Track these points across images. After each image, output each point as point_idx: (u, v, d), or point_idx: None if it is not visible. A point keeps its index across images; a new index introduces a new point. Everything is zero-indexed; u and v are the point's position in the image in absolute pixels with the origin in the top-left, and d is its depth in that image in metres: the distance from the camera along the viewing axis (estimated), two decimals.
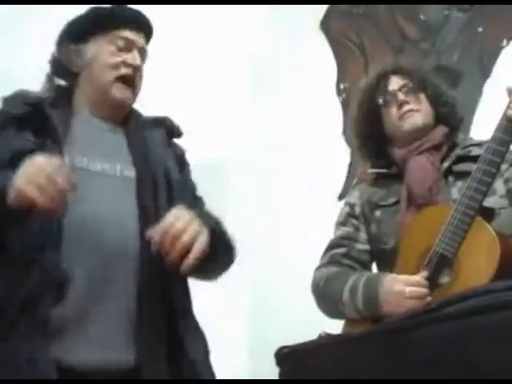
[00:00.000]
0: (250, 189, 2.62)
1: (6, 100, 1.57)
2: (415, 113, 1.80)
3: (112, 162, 1.56)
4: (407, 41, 2.73)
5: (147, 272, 1.48)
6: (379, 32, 2.83)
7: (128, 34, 1.63)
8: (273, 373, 1.37)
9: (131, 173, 1.57)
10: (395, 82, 1.84)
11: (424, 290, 1.55)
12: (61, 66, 1.65)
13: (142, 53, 1.66)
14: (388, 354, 1.13)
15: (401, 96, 1.81)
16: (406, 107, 1.80)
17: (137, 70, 1.62)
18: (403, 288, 1.57)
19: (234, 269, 2.20)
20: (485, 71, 2.44)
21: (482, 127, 1.87)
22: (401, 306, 1.55)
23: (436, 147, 1.78)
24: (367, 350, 1.18)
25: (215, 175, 2.70)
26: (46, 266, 1.39)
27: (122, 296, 1.46)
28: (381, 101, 1.84)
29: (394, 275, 1.64)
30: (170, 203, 1.54)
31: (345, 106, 2.85)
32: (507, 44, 2.41)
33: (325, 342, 1.38)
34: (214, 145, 2.73)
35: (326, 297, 1.78)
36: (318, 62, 3.01)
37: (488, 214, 1.59)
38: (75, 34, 1.64)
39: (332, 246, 1.87)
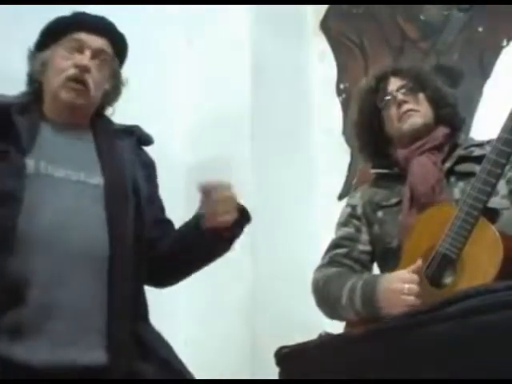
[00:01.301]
0: (249, 189, 2.61)
1: None
2: (414, 113, 1.81)
3: (76, 168, 1.58)
4: (407, 41, 2.72)
5: (117, 274, 1.51)
6: (379, 32, 2.83)
7: (81, 35, 1.65)
8: (273, 373, 1.37)
9: (97, 179, 1.59)
10: (394, 83, 1.85)
11: (418, 288, 1.55)
12: (29, 75, 1.69)
13: (99, 54, 1.65)
14: (388, 353, 1.13)
15: (399, 96, 1.82)
16: (405, 107, 1.81)
17: (84, 70, 1.62)
18: (401, 286, 1.57)
19: (234, 268, 2.20)
20: (485, 71, 2.44)
21: (482, 127, 1.87)
22: (399, 303, 1.55)
23: (437, 147, 1.78)
24: (367, 349, 1.18)
25: (215, 173, 2.70)
26: (2, 271, 1.42)
27: (86, 298, 1.48)
28: (381, 104, 1.85)
29: (390, 273, 1.65)
30: (138, 210, 1.60)
31: (345, 105, 2.85)
32: (507, 44, 2.41)
33: (325, 342, 1.39)
34: (213, 144, 2.73)
35: (325, 298, 1.79)
36: (318, 63, 3.00)
37: (491, 215, 1.59)
38: (37, 43, 1.69)
39: (333, 246, 1.88)
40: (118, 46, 1.73)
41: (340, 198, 2.76)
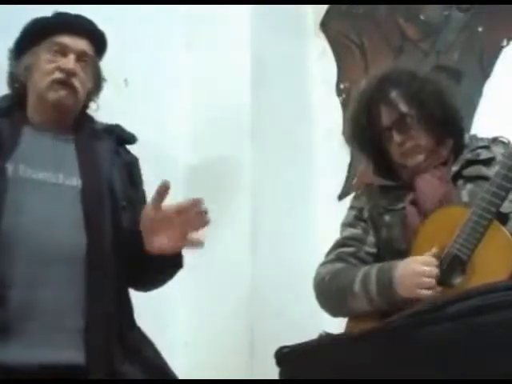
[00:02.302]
0: (249, 188, 2.61)
1: None
2: (415, 149, 1.75)
3: (55, 170, 1.59)
4: (407, 41, 2.72)
5: (95, 275, 1.52)
6: (379, 32, 2.83)
7: (64, 39, 1.67)
8: (273, 373, 1.37)
9: (75, 182, 1.60)
10: (386, 116, 1.76)
11: (437, 270, 1.56)
12: (11, 78, 1.72)
13: (82, 56, 1.69)
14: (388, 353, 1.13)
15: (396, 137, 1.75)
16: (405, 147, 1.75)
17: (70, 74, 1.65)
18: (421, 268, 1.57)
19: (233, 268, 2.20)
20: (485, 71, 2.44)
21: (482, 127, 1.87)
22: (418, 285, 1.56)
23: (443, 163, 1.76)
24: (367, 349, 1.18)
25: (215, 173, 2.70)
26: None
27: (63, 298, 1.49)
28: (376, 136, 1.79)
29: (406, 259, 1.63)
30: (114, 212, 1.61)
31: (345, 106, 2.84)
32: (507, 44, 2.41)
33: (325, 342, 1.39)
34: (213, 144, 2.73)
35: (333, 291, 1.76)
36: (318, 62, 3.00)
37: (500, 219, 1.59)
38: (17, 46, 1.71)
39: (339, 244, 1.86)
40: (99, 44, 1.75)
41: (340, 197, 2.76)
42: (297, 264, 2.56)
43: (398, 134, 1.75)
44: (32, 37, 1.69)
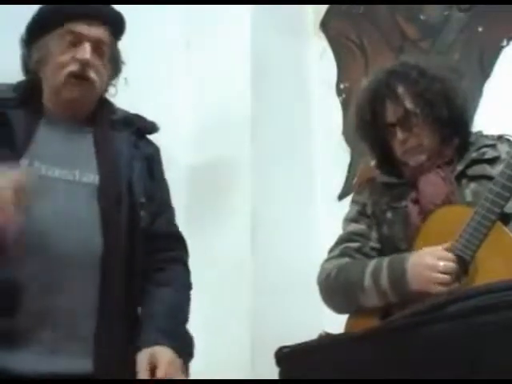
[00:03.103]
0: (249, 188, 2.61)
1: None
2: (417, 148, 1.73)
3: (71, 167, 1.53)
4: (407, 41, 2.72)
5: (110, 280, 1.47)
6: (379, 32, 2.83)
7: (77, 27, 1.56)
8: (273, 373, 1.37)
9: (92, 178, 1.54)
10: (391, 112, 1.74)
11: (454, 265, 1.53)
12: (24, 68, 1.63)
13: (98, 44, 1.58)
14: (388, 353, 1.13)
15: (399, 135, 1.73)
16: (408, 145, 1.73)
17: (86, 64, 1.55)
18: (436, 262, 1.54)
19: (234, 269, 2.19)
20: (485, 71, 2.44)
21: (483, 127, 1.86)
22: (432, 280, 1.53)
23: (447, 162, 1.74)
24: (367, 349, 1.18)
25: (215, 173, 2.70)
26: None
27: (77, 305, 1.44)
28: (380, 131, 1.77)
29: (421, 250, 1.60)
30: (132, 211, 1.54)
31: (345, 106, 2.85)
32: (507, 44, 2.41)
33: (325, 342, 1.38)
34: (213, 144, 2.73)
35: (340, 286, 1.73)
36: (318, 62, 3.00)
37: (503, 219, 1.57)
38: (27, 35, 1.62)
39: (343, 240, 1.83)
40: (116, 27, 1.66)
41: (340, 197, 2.76)
42: (297, 264, 2.56)
43: (402, 132, 1.72)
44: (43, 25, 1.58)
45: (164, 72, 2.79)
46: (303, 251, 2.63)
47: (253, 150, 2.65)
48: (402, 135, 1.72)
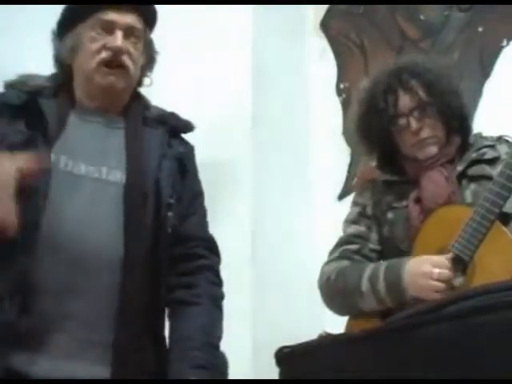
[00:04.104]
0: (249, 188, 2.61)
1: (6, 85, 1.54)
2: (431, 140, 1.72)
3: (98, 163, 1.49)
4: (407, 41, 2.73)
5: (130, 285, 1.42)
6: (379, 32, 2.83)
7: (109, 15, 1.54)
8: (273, 373, 1.37)
9: (119, 176, 1.49)
10: (404, 102, 1.73)
11: (450, 273, 1.53)
12: (56, 60, 1.61)
13: (131, 32, 1.56)
14: (388, 354, 1.13)
15: (414, 124, 1.71)
16: (421, 135, 1.72)
17: (119, 51, 1.52)
18: (431, 269, 1.54)
19: (234, 269, 2.19)
20: (485, 71, 2.44)
21: (482, 127, 1.86)
22: (427, 288, 1.54)
23: (450, 161, 1.74)
24: (367, 350, 1.18)
25: (215, 173, 2.70)
26: (14, 273, 1.35)
27: (95, 309, 1.41)
28: (390, 124, 1.74)
29: (417, 257, 1.61)
30: (158, 213, 1.49)
31: (345, 105, 2.85)
32: (507, 44, 2.41)
33: (325, 342, 1.38)
34: (212, 144, 2.73)
35: (340, 290, 1.73)
36: (318, 62, 3.01)
37: (503, 219, 1.57)
38: (59, 26, 1.59)
39: (343, 242, 1.83)
40: (149, 16, 1.64)
41: (340, 197, 2.76)
42: (297, 264, 2.57)
43: (416, 122, 1.71)
44: (74, 15, 1.56)
45: (164, 72, 2.79)
46: (303, 251, 2.63)
47: (253, 150, 2.65)
48: (416, 124, 1.71)
